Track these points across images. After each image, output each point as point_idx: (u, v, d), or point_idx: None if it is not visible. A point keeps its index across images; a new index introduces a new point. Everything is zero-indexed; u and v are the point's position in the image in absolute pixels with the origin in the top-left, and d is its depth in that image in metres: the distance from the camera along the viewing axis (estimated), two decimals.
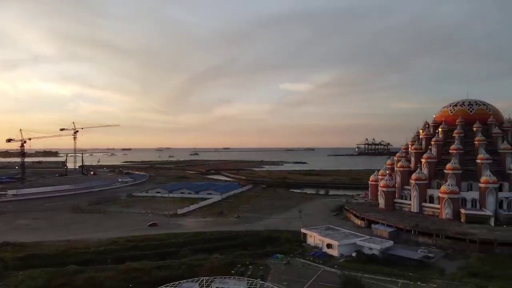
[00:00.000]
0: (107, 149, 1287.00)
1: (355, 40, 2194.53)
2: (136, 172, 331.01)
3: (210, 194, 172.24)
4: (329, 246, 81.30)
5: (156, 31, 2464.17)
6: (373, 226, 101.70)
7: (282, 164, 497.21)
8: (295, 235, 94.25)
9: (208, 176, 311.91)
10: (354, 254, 77.69)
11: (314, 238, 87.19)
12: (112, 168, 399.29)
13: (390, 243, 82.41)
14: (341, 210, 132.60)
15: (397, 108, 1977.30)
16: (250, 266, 69.54)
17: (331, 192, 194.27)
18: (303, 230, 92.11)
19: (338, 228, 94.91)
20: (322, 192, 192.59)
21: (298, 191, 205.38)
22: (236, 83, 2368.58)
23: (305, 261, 74.36)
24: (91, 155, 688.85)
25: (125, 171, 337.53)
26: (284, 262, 72.49)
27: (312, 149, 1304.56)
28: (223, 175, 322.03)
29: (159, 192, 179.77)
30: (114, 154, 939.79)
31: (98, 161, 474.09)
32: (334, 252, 79.45)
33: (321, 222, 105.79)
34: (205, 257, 74.41)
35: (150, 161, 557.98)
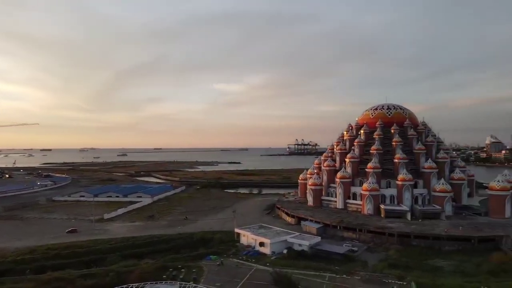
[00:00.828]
0: (25, 149, 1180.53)
1: (286, 44, 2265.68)
2: (57, 175, 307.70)
3: (140, 197, 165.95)
4: (261, 244, 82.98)
5: (80, 24, 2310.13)
6: (302, 223, 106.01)
7: (217, 165, 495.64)
8: (229, 235, 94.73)
9: (138, 178, 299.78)
10: (285, 251, 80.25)
11: (247, 237, 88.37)
12: (30, 170, 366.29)
13: (318, 239, 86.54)
14: (273, 209, 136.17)
15: (325, 111, 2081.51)
16: (182, 270, 68.37)
17: (264, 191, 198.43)
18: (236, 230, 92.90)
19: (270, 227, 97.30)
20: (255, 191, 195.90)
21: (233, 191, 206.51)
22: (169, 81, 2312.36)
23: (238, 260, 75.03)
24: (6, 156, 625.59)
25: (45, 174, 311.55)
26: (218, 263, 72.45)
27: (246, 149, 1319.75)
28: (155, 177, 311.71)
29: (83, 196, 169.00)
30: (32, 155, 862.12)
31: (14, 163, 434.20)
32: (267, 250, 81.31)
33: (254, 221, 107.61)
34: (134, 263, 71.61)
35: (73, 163, 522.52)
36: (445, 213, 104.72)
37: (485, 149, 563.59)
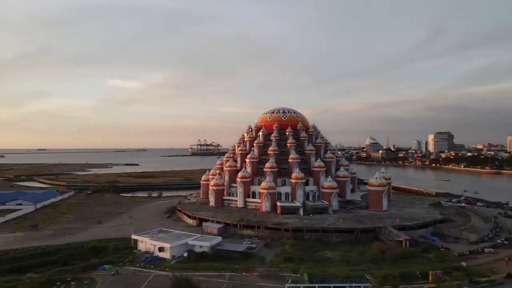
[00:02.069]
0: None
1: (188, 43, 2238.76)
2: None
3: (20, 204, 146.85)
4: (161, 249, 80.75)
5: None
6: (204, 224, 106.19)
7: (111, 167, 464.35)
8: (125, 242, 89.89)
9: (18, 183, 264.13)
10: (185, 254, 79.43)
11: (145, 243, 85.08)
12: None
13: (219, 239, 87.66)
14: (174, 212, 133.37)
15: (227, 112, 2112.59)
16: (72, 282, 62.93)
17: (165, 194, 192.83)
18: (133, 236, 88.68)
19: (171, 230, 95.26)
20: (155, 194, 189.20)
21: (130, 195, 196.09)
22: (55, 75, 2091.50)
23: (136, 268, 71.83)
24: None
25: None
26: (112, 272, 68.33)
27: (145, 150, 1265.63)
28: (38, 181, 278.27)
29: None
30: None
31: None
32: (166, 255, 79.43)
33: (154, 226, 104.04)
34: (16, 278, 64.13)
35: None
36: (332, 208, 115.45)
37: (365, 149, 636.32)
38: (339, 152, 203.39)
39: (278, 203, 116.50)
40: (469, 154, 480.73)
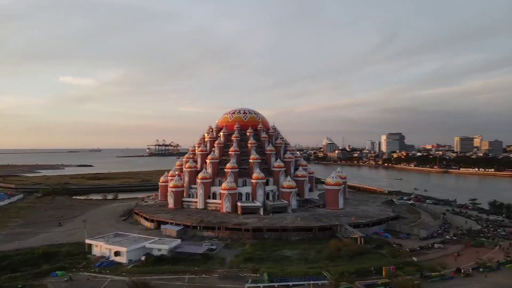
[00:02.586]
0: None
1: (147, 40, 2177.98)
2: None
3: None
4: (117, 253, 78.19)
5: None
6: (162, 226, 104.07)
7: (63, 168, 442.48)
8: (78, 247, 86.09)
9: None
10: (143, 258, 77.50)
11: (100, 247, 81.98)
12: None
13: (178, 241, 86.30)
14: (130, 214, 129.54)
15: (186, 112, 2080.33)
16: None
17: (121, 196, 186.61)
18: (87, 241, 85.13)
19: (127, 234, 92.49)
20: (110, 197, 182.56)
21: (83, 197, 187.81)
22: (3, 71, 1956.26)
23: (90, 274, 68.98)
24: None
25: None
26: (65, 279, 65.23)
27: (99, 150, 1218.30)
28: None
29: None
30: None
31: None
32: (123, 259, 77.04)
33: (109, 229, 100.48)
34: None
35: None
36: (291, 207, 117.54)
37: (322, 149, 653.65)
38: (298, 153, 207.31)
39: (239, 204, 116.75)
40: (419, 154, 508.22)
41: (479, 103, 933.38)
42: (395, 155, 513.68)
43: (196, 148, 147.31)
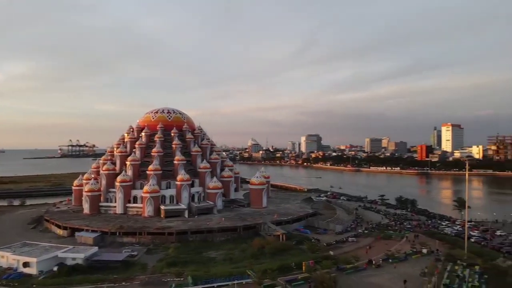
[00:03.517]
0: None
1: (61, 33, 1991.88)
2: None
3: None
4: (26, 264, 70.92)
5: None
6: (76, 234, 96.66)
7: None
8: None
9: None
10: (55, 268, 71.37)
11: (7, 258, 73.72)
12: None
13: (95, 249, 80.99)
14: (40, 222, 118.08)
15: (103, 110, 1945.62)
16: None
17: (29, 202, 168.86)
18: None
19: (37, 243, 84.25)
20: (16, 203, 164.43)
21: None
22: None
23: None
24: None
25: None
26: None
27: (3, 151, 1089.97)
28: None
29: None
30: None
31: None
32: (33, 270, 70.12)
33: (17, 239, 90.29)
34: None
35: None
36: (217, 208, 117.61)
37: (247, 149, 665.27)
38: (224, 153, 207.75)
39: (162, 207, 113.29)
40: (334, 154, 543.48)
41: (387, 107, 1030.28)
42: (313, 155, 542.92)
43: (115, 149, 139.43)
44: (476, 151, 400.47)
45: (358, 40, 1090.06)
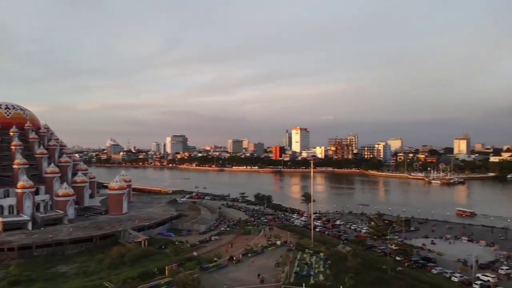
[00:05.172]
0: None
1: None
2: None
3: None
4: None
5: None
6: None
7: None
8: None
9: None
10: None
11: None
12: None
13: None
14: None
15: None
16: None
17: None
18: None
19: None
20: None
21: None
22: None
23: None
24: None
25: None
26: None
27: None
28: None
29: None
30: None
31: None
32: None
33: None
34: None
35: None
36: (68, 217, 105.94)
37: (105, 151, 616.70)
38: (77, 155, 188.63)
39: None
40: (200, 154, 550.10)
41: (247, 111, 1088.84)
42: (179, 156, 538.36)
43: None
44: (319, 151, 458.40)
45: (222, 45, 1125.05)
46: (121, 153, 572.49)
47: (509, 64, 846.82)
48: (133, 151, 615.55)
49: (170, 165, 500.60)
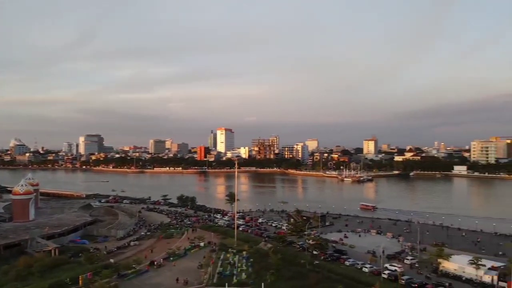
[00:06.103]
0: None
1: None
2: None
3: None
4: None
5: None
6: None
7: None
8: None
9: None
10: None
11: None
12: None
13: None
14: None
15: None
16: None
17: None
18: None
19: None
20: None
21: None
22: None
23: None
24: None
25: None
26: None
27: None
28: None
29: None
30: None
31: None
32: None
33: None
34: None
35: None
36: None
37: (9, 151, 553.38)
38: None
39: None
40: (117, 155, 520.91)
41: (171, 110, 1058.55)
42: (93, 157, 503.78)
43: None
44: (244, 152, 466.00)
45: (142, 42, 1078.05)
46: (27, 154, 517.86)
47: (412, 72, 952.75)
48: (42, 152, 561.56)
49: (84, 167, 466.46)
